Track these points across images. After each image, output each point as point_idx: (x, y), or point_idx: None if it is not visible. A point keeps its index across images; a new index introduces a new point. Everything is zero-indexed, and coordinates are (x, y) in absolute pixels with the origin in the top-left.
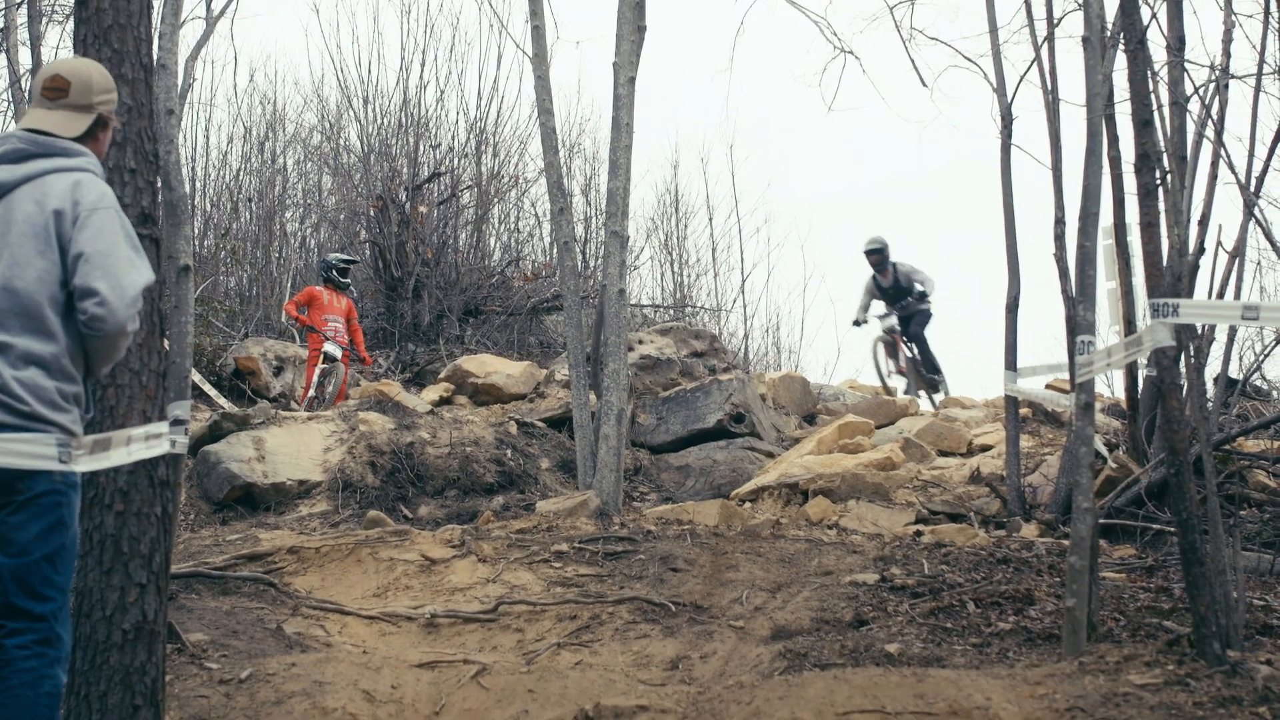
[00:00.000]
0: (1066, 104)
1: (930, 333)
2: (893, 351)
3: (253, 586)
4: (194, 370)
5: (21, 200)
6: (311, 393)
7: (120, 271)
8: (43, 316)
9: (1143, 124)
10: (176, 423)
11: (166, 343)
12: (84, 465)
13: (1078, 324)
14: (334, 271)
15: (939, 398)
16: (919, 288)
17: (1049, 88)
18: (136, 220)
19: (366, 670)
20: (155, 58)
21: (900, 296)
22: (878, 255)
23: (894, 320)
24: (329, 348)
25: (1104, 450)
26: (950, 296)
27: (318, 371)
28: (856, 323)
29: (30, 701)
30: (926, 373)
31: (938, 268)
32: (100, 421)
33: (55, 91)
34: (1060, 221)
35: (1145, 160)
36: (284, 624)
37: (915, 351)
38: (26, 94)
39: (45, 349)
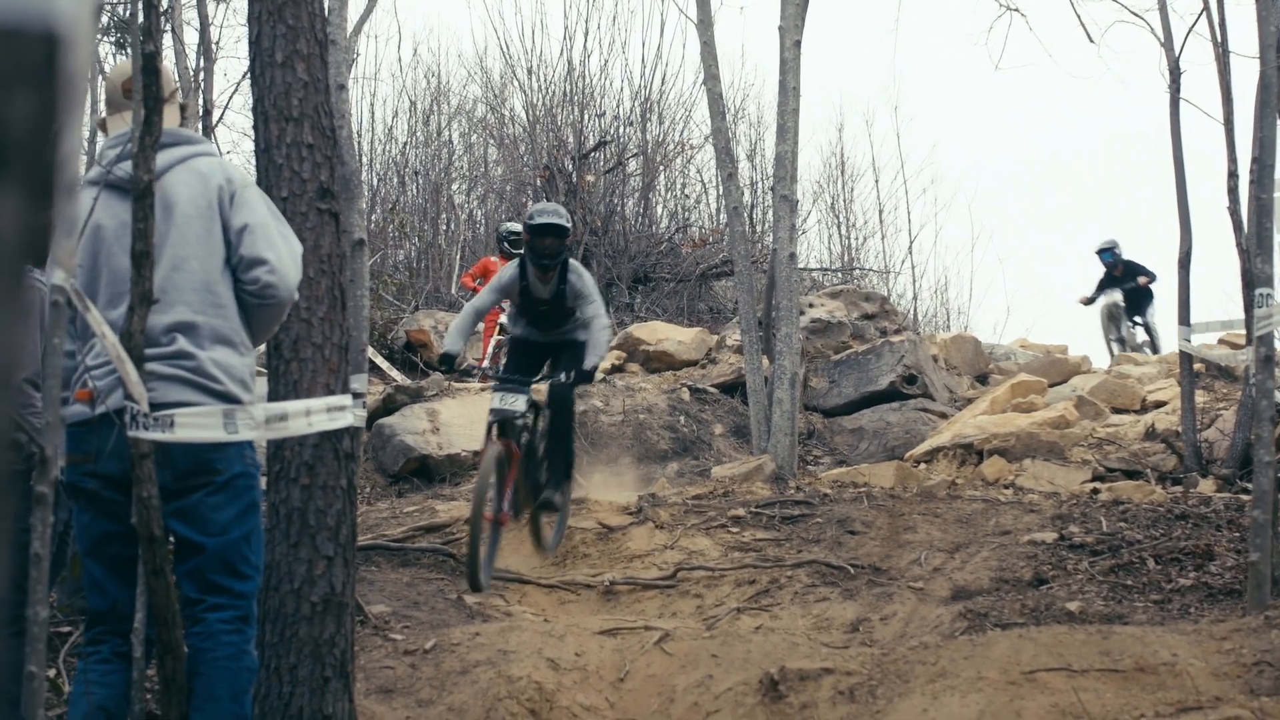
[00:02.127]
0: (1237, 56)
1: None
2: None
3: (431, 558)
4: (368, 345)
5: (175, 184)
6: (486, 364)
7: (280, 243)
8: (219, 292)
9: None
10: (354, 396)
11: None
12: (261, 435)
13: (1255, 277)
14: (505, 242)
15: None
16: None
17: (1218, 40)
18: (315, 195)
19: (550, 638)
20: (326, 33)
21: (1129, 282)
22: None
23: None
24: (504, 319)
25: None
26: (1123, 252)
27: (493, 343)
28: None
29: (233, 673)
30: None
31: (1106, 225)
32: (285, 396)
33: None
34: (1233, 175)
35: None
36: (464, 594)
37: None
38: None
39: (229, 326)
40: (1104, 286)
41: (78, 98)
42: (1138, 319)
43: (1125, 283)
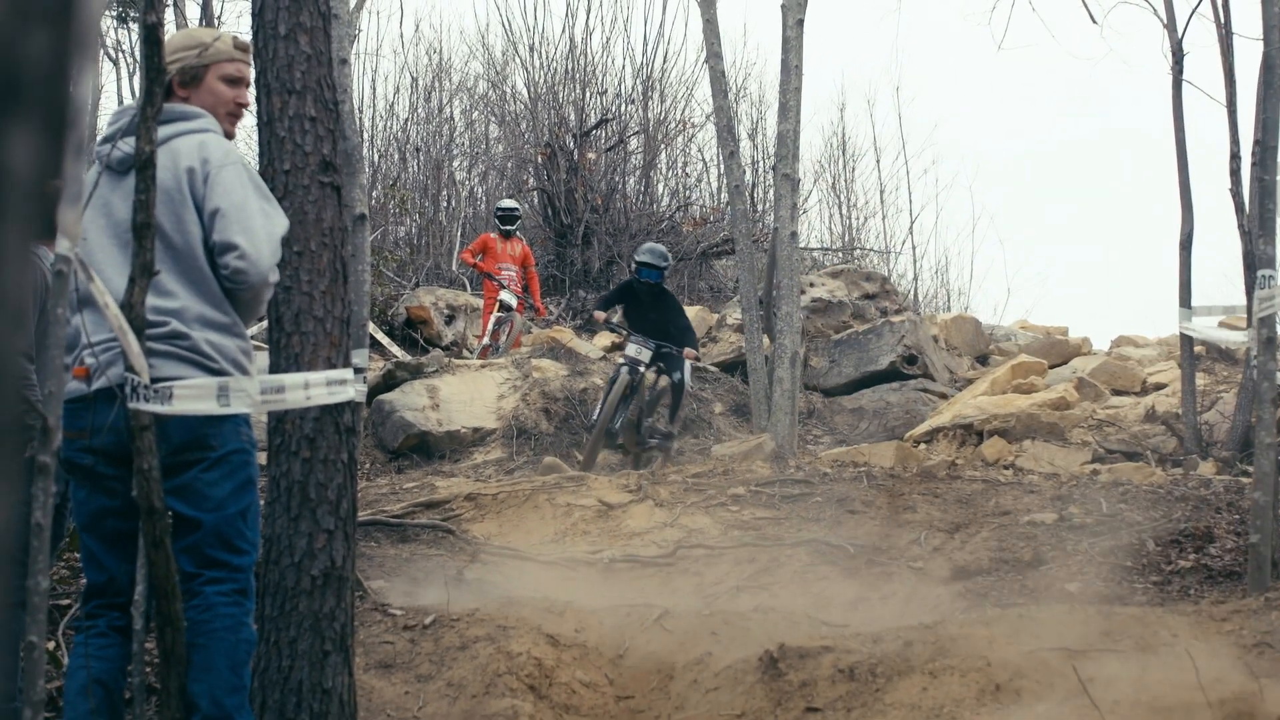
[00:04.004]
0: (1240, 37)
1: None
2: None
3: (431, 534)
4: (369, 321)
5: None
6: (486, 340)
7: (256, 224)
8: (204, 276)
9: None
10: (355, 370)
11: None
12: (256, 408)
13: (1257, 258)
14: (497, 218)
15: None
16: None
17: (1221, 21)
18: (318, 168)
19: (549, 614)
20: (330, 6)
21: None
22: None
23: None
24: (504, 295)
25: None
26: (1122, 235)
27: (492, 319)
28: None
29: (232, 645)
30: None
31: (1107, 207)
32: (285, 369)
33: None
34: (1236, 157)
35: None
36: (464, 570)
37: None
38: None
39: (218, 309)
40: None
41: (93, 41)
42: None
43: None
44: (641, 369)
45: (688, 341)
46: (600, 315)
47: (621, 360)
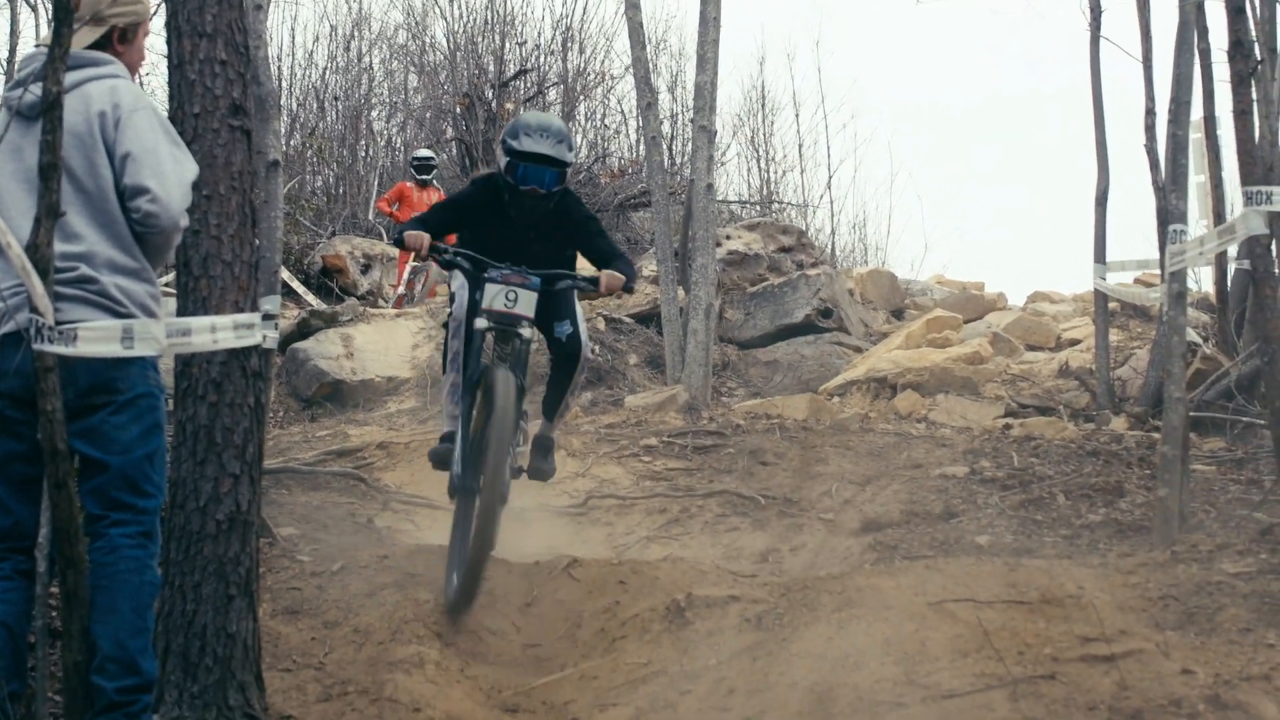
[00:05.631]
0: None
1: None
2: None
3: (343, 482)
4: (282, 268)
5: (66, 111)
6: (401, 290)
7: (167, 168)
8: (115, 219)
9: (1236, 10)
10: (266, 317)
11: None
12: (162, 350)
13: (1169, 213)
14: (412, 168)
15: None
16: None
17: None
18: (228, 112)
19: None
20: None
21: None
22: None
23: None
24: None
25: (1196, 338)
26: (1042, 191)
27: (408, 269)
28: None
29: (136, 587)
30: None
31: (1027, 163)
32: (193, 313)
33: (66, 13)
34: (1150, 112)
35: (1239, 47)
36: (374, 518)
37: None
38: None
39: (127, 254)
40: None
41: None
42: None
43: None
44: (523, 330)
45: (614, 267)
46: (423, 242)
47: (480, 321)
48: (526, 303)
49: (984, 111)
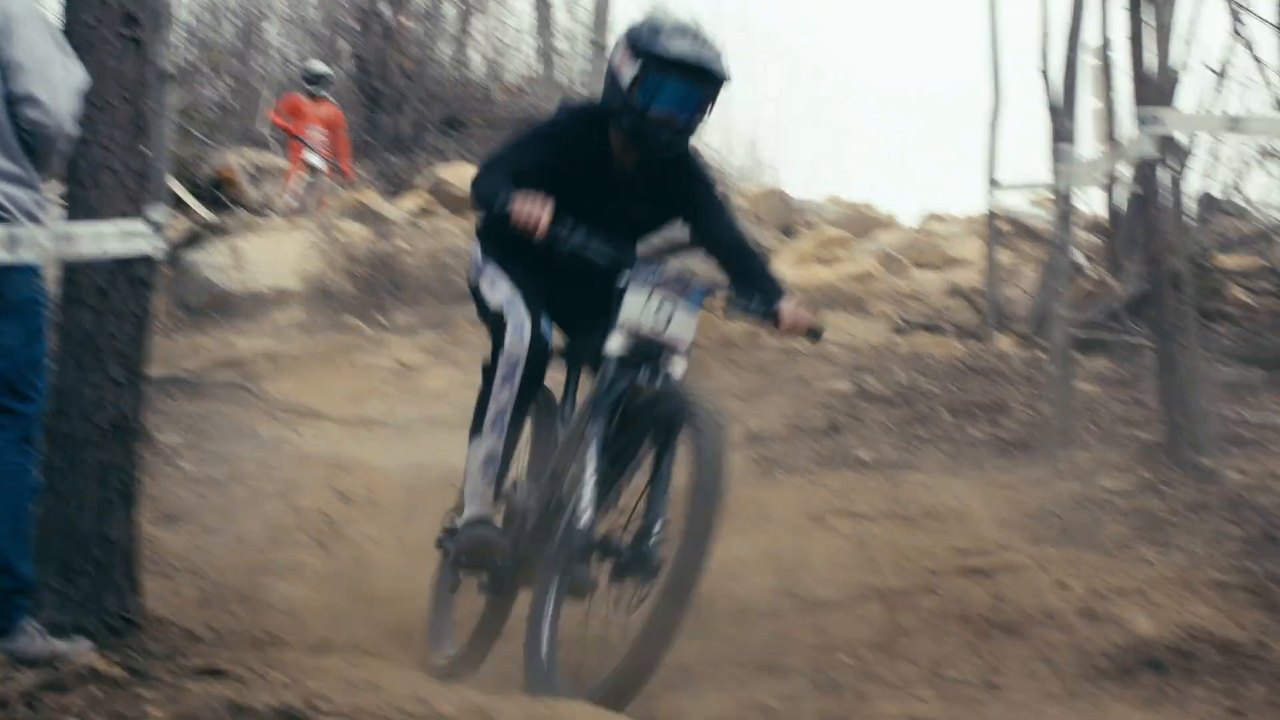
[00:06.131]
0: None
1: None
2: None
3: (228, 391)
4: (173, 180)
5: None
6: (291, 201)
7: (56, 77)
8: (1, 127)
9: None
10: (154, 226)
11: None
12: (46, 255)
13: (1060, 132)
14: (303, 80)
15: None
16: None
17: None
18: (120, 21)
19: (340, 471)
20: None
21: None
22: None
23: None
24: (310, 157)
25: (1082, 260)
26: (929, 109)
27: (298, 180)
28: None
29: (15, 491)
30: None
31: (915, 79)
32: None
33: None
34: (1046, 35)
35: None
36: (259, 427)
37: None
38: None
39: (11, 160)
40: None
41: None
42: None
43: None
44: (674, 364)
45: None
46: (543, 219)
47: (613, 342)
48: (684, 324)
49: (882, 30)
